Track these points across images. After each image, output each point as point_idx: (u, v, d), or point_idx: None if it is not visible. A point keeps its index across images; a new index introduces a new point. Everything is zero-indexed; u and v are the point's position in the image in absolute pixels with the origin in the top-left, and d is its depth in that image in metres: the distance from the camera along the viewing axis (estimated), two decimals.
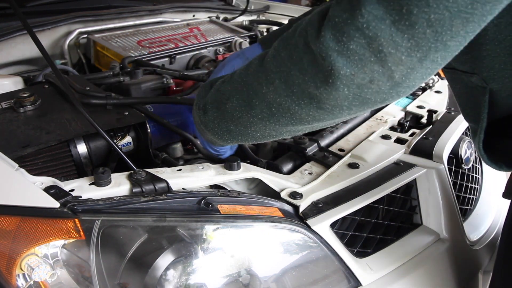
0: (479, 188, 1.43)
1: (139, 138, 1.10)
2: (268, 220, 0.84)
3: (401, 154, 1.14)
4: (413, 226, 1.13)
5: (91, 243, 0.72)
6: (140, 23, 1.92)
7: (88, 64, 1.73)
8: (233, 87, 0.74)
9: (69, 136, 0.95)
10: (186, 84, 1.48)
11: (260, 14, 2.47)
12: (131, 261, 0.74)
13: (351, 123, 1.30)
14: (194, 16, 2.19)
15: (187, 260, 0.77)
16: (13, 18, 1.56)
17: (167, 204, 0.79)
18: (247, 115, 0.72)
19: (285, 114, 0.67)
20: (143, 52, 1.64)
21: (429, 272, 1.03)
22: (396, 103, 1.44)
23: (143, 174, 0.85)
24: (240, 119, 0.74)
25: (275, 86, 0.65)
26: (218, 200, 0.83)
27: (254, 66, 0.70)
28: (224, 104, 0.76)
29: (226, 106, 0.75)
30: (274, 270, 0.87)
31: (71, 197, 0.74)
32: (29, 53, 1.58)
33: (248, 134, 0.77)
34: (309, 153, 1.08)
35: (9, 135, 0.93)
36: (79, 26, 1.73)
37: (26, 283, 0.71)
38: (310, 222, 0.88)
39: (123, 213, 0.75)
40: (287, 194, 0.92)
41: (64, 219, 0.71)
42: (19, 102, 1.04)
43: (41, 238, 0.70)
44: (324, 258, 0.90)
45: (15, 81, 1.28)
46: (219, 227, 0.80)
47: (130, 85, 1.32)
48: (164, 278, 0.74)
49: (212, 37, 1.89)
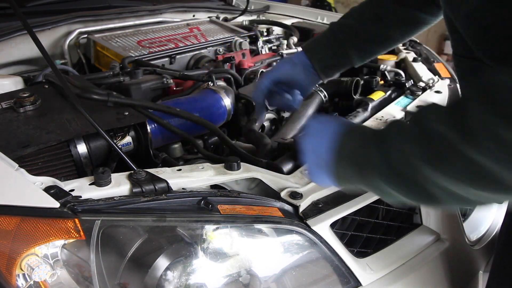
0: None
1: (139, 138, 1.10)
2: (268, 220, 0.84)
3: None
4: (413, 226, 1.13)
5: (91, 243, 0.72)
6: (140, 23, 1.92)
7: (88, 64, 1.72)
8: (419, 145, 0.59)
9: (69, 136, 0.95)
10: (186, 84, 1.48)
11: (260, 14, 2.47)
12: (131, 261, 0.74)
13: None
14: (194, 16, 2.19)
15: (187, 260, 0.77)
16: (13, 18, 1.56)
17: (167, 204, 0.79)
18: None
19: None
20: (143, 52, 1.64)
21: (429, 272, 1.03)
22: (396, 103, 1.44)
23: (143, 174, 0.85)
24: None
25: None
26: (218, 200, 0.83)
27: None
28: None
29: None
30: (274, 270, 0.87)
31: (71, 197, 0.74)
32: (29, 53, 1.58)
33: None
34: None
35: (9, 135, 0.93)
36: (79, 26, 1.73)
37: (26, 283, 0.71)
38: (310, 222, 0.88)
39: (123, 213, 0.75)
40: (287, 194, 0.92)
41: (64, 219, 0.71)
42: (19, 102, 1.04)
43: (41, 238, 0.70)
44: (324, 258, 0.90)
45: (15, 81, 1.28)
46: (219, 227, 0.81)
47: (130, 85, 1.32)
48: (164, 278, 0.74)
49: (212, 37, 1.89)
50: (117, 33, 1.76)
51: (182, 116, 1.16)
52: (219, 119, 1.30)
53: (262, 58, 1.78)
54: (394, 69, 1.72)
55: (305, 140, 0.79)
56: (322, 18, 2.40)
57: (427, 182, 0.59)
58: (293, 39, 2.03)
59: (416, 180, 0.60)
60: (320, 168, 0.75)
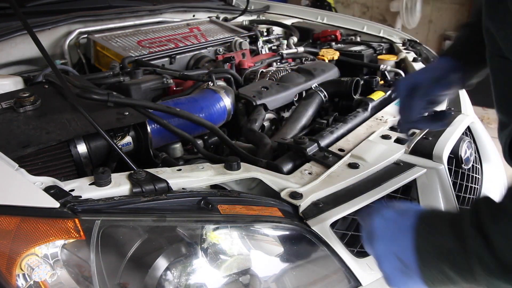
0: (479, 188, 1.43)
1: (139, 138, 1.10)
2: (268, 220, 0.84)
3: (401, 154, 1.14)
4: None
5: (91, 243, 0.72)
6: (140, 23, 1.92)
7: (88, 64, 1.73)
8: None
9: (69, 136, 0.95)
10: (186, 84, 1.48)
11: (260, 14, 2.47)
12: (131, 261, 0.74)
13: (351, 123, 1.30)
14: (194, 16, 2.19)
15: (187, 260, 0.77)
16: (13, 18, 1.56)
17: (167, 204, 0.79)
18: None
19: None
20: (143, 52, 1.64)
21: None
22: (396, 103, 1.44)
23: (143, 174, 0.85)
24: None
25: None
26: (218, 200, 0.83)
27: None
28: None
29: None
30: (274, 270, 0.87)
31: (71, 197, 0.74)
32: (29, 53, 1.58)
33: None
34: (309, 153, 1.08)
35: (9, 135, 0.93)
36: (79, 26, 1.73)
37: (26, 283, 0.71)
38: (310, 222, 0.88)
39: (123, 213, 0.75)
40: (287, 194, 0.92)
41: (64, 219, 0.71)
42: (19, 102, 1.04)
43: (41, 238, 0.70)
44: (324, 258, 0.90)
45: (15, 81, 1.28)
46: (219, 227, 0.81)
47: (130, 85, 1.32)
48: (164, 278, 0.74)
49: (212, 37, 1.89)
50: (117, 33, 1.77)
51: (182, 116, 1.16)
52: (219, 119, 1.30)
53: (262, 58, 1.78)
54: (394, 69, 1.72)
55: (378, 245, 0.67)
56: (322, 18, 2.41)
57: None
58: (293, 39, 2.03)
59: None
60: (405, 274, 0.63)
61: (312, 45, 2.08)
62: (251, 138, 1.23)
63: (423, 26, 5.68)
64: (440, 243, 0.59)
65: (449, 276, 0.59)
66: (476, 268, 0.55)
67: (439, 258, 0.59)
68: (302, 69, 1.61)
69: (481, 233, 0.54)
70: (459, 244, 0.56)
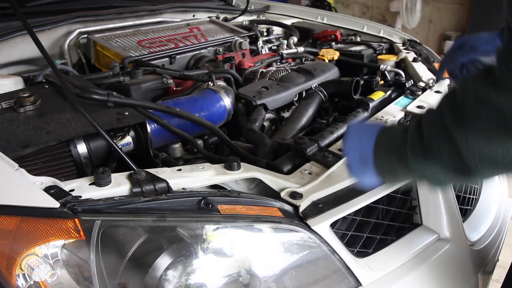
0: (479, 188, 1.43)
1: (139, 138, 1.10)
2: (268, 220, 0.84)
3: None
4: (413, 226, 1.13)
5: (91, 243, 0.72)
6: (140, 23, 1.92)
7: (88, 64, 1.73)
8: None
9: (69, 136, 0.95)
10: (186, 84, 1.48)
11: (260, 14, 2.47)
12: (131, 261, 0.74)
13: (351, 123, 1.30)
14: (194, 16, 2.19)
15: (187, 260, 0.77)
16: (13, 18, 1.56)
17: (167, 204, 0.79)
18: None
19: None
20: (143, 52, 1.64)
21: (429, 272, 1.03)
22: (396, 103, 1.44)
23: (143, 174, 0.85)
24: None
25: None
26: (218, 200, 0.83)
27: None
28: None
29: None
30: (274, 270, 0.87)
31: (71, 197, 0.74)
32: (29, 53, 1.58)
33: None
34: (309, 153, 1.08)
35: (9, 135, 0.93)
36: (79, 26, 1.73)
37: (26, 283, 0.71)
38: (310, 222, 0.88)
39: (123, 213, 0.75)
40: (287, 194, 0.92)
41: (64, 219, 0.71)
42: (19, 102, 1.04)
43: (41, 238, 0.70)
44: (324, 258, 0.90)
45: (15, 81, 1.28)
46: (219, 227, 0.80)
47: (130, 85, 1.32)
48: (164, 278, 0.74)
49: (212, 37, 1.89)
50: (117, 33, 1.77)
51: (182, 116, 1.16)
52: (219, 119, 1.30)
53: (262, 58, 1.78)
54: (394, 69, 1.72)
55: (347, 141, 0.85)
56: (322, 18, 2.41)
57: (461, 148, 0.63)
58: (293, 39, 2.03)
59: (449, 150, 0.65)
60: (364, 164, 0.80)
61: (312, 45, 2.08)
62: (251, 138, 1.23)
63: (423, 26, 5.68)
64: (391, 141, 0.76)
65: (393, 165, 0.75)
66: (409, 153, 0.71)
67: (389, 151, 0.76)
68: (302, 69, 1.61)
69: (418, 129, 0.70)
70: (403, 140, 0.72)
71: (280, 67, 1.71)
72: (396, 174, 0.77)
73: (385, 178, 0.81)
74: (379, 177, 0.80)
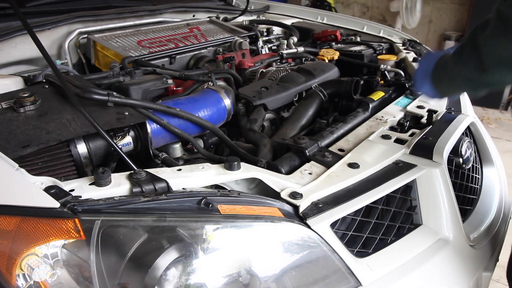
0: (479, 188, 1.43)
1: (139, 138, 1.10)
2: (268, 220, 0.84)
3: (401, 154, 1.14)
4: (413, 226, 1.13)
5: (91, 243, 0.72)
6: (140, 23, 1.92)
7: (88, 64, 1.73)
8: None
9: (69, 136, 0.95)
10: (186, 84, 1.48)
11: (260, 14, 2.47)
12: (131, 261, 0.74)
13: (351, 123, 1.30)
14: (194, 16, 2.19)
15: (187, 260, 0.77)
16: (13, 18, 1.56)
17: (167, 204, 0.79)
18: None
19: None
20: (143, 52, 1.64)
21: (429, 272, 1.03)
22: (396, 103, 1.44)
23: (143, 174, 0.85)
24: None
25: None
26: (218, 200, 0.83)
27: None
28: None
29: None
30: (274, 270, 0.87)
31: (71, 197, 0.74)
32: (29, 53, 1.58)
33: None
34: (309, 153, 1.08)
35: (9, 135, 0.93)
36: (79, 26, 1.73)
37: (26, 283, 0.71)
38: (310, 222, 0.88)
39: (123, 213, 0.75)
40: (287, 194, 0.92)
41: (64, 219, 0.71)
42: (19, 102, 1.04)
43: (41, 238, 0.70)
44: (324, 258, 0.90)
45: (15, 81, 1.28)
46: (219, 227, 0.80)
47: (130, 85, 1.32)
48: (164, 278, 0.74)
49: (212, 37, 1.89)
50: (117, 33, 1.77)
51: (182, 116, 1.16)
52: (219, 119, 1.30)
53: (262, 58, 1.78)
54: (394, 69, 1.72)
55: (420, 62, 1.18)
56: (322, 18, 2.41)
57: (480, 49, 0.89)
58: (293, 39, 2.03)
59: (473, 53, 0.91)
60: (425, 77, 1.10)
61: (312, 45, 2.08)
62: (251, 138, 1.23)
63: (423, 26, 5.68)
64: (443, 59, 1.05)
65: (441, 75, 1.06)
66: (449, 60, 1.00)
67: (440, 66, 1.05)
68: (302, 69, 1.61)
69: (473, 41, 0.93)
70: (449, 57, 1.02)
71: (280, 67, 1.71)
72: (441, 81, 1.06)
73: (437, 87, 1.08)
74: (433, 87, 1.09)
